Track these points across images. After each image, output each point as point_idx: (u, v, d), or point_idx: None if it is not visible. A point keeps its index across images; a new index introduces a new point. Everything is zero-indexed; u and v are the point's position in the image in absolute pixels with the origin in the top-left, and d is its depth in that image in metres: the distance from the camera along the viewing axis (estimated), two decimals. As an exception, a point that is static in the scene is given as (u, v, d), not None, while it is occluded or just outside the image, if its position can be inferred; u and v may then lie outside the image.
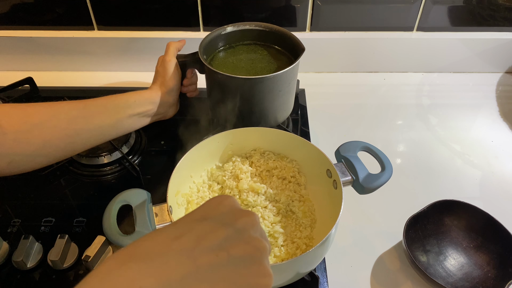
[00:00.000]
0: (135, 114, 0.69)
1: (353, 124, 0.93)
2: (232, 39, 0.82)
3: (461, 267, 0.65)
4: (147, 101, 0.71)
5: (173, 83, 0.74)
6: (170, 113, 0.78)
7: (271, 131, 0.71)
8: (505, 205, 0.75)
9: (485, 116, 0.95)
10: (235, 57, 0.81)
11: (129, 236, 0.52)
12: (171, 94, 0.75)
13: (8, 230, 0.68)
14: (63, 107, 0.61)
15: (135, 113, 0.69)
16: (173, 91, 0.75)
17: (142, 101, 0.70)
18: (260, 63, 0.79)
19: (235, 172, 0.69)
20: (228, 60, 0.81)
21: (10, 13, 0.97)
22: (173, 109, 0.78)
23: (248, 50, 0.83)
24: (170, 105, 0.76)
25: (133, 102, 0.69)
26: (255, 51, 0.83)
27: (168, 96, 0.74)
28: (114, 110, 0.67)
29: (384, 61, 1.05)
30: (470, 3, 0.96)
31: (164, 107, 0.75)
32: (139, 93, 0.71)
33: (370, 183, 0.60)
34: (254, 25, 0.81)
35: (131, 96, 0.69)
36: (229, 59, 0.81)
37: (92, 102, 0.65)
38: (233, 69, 0.78)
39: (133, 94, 0.70)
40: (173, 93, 0.75)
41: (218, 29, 0.80)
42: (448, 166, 0.83)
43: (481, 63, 1.05)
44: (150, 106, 0.72)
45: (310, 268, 0.57)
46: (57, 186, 0.77)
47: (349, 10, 0.97)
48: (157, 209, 0.56)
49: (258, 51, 0.82)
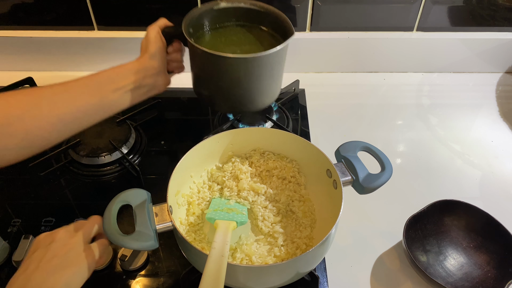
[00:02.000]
0: (120, 88, 0.64)
1: (353, 124, 0.93)
2: (223, 17, 0.76)
3: (461, 267, 0.65)
4: (130, 71, 0.66)
5: (155, 47, 0.68)
6: (160, 84, 0.70)
7: (271, 131, 0.71)
8: (505, 205, 0.75)
9: (485, 116, 0.95)
10: (223, 37, 0.75)
11: (129, 236, 0.52)
12: (154, 59, 0.68)
13: (8, 230, 0.68)
14: (45, 93, 0.59)
15: (119, 86, 0.64)
16: (156, 56, 0.68)
17: (125, 72, 0.65)
18: (248, 45, 0.74)
19: (235, 172, 0.69)
20: (215, 38, 0.75)
21: (10, 13, 0.97)
22: (162, 79, 0.71)
23: (239, 31, 0.77)
24: (156, 72, 0.69)
25: (116, 75, 0.64)
26: (246, 32, 0.76)
27: (151, 61, 0.68)
28: (96, 87, 0.62)
29: (384, 61, 1.05)
30: (470, 3, 0.96)
31: (151, 76, 0.68)
32: (121, 66, 0.66)
33: (370, 183, 0.60)
34: (249, 4, 0.75)
35: (113, 70, 0.65)
36: (216, 38, 0.75)
37: (74, 83, 0.61)
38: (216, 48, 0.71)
39: (115, 68, 0.66)
40: (156, 57, 0.68)
41: (210, 3, 0.74)
42: (448, 166, 0.83)
43: (481, 63, 1.05)
44: (134, 77, 0.66)
45: (310, 268, 0.57)
46: (57, 186, 0.77)
47: (349, 10, 0.97)
48: (157, 209, 0.56)
49: (249, 32, 0.76)
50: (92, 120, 0.63)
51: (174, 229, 0.55)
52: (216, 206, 0.65)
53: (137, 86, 0.66)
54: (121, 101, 0.65)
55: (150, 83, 0.68)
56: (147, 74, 0.67)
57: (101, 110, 0.63)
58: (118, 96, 0.64)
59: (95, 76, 0.63)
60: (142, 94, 0.68)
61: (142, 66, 0.67)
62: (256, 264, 0.59)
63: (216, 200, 0.67)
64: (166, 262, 0.65)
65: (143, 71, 0.66)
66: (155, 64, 0.68)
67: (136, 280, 0.63)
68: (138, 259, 0.64)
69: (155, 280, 0.63)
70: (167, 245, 0.66)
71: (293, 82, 0.95)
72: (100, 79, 0.63)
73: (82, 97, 0.60)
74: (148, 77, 0.67)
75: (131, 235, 0.52)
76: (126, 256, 0.61)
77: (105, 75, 0.64)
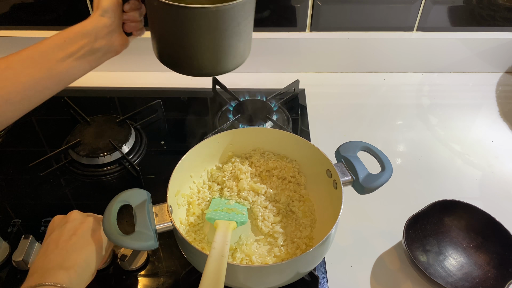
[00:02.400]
0: (69, 56, 0.58)
1: (353, 124, 0.93)
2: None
3: (461, 267, 0.65)
4: (79, 34, 0.59)
5: (107, 2, 0.60)
6: (116, 44, 0.63)
7: (271, 131, 0.71)
8: (505, 205, 0.75)
9: (485, 116, 0.95)
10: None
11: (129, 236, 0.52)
12: (106, 15, 0.60)
13: (8, 230, 0.68)
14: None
15: (68, 53, 0.58)
16: (108, 12, 0.61)
17: (73, 36, 0.58)
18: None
19: (235, 172, 0.69)
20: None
21: (10, 13, 0.97)
22: (118, 39, 0.63)
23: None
24: (109, 31, 0.61)
25: (63, 41, 0.58)
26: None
27: (103, 19, 0.60)
28: (42, 58, 0.56)
29: (384, 61, 1.05)
30: (470, 3, 0.96)
31: (103, 37, 0.61)
32: (68, 29, 0.59)
33: (370, 183, 0.60)
34: None
35: (59, 36, 0.58)
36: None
37: (15, 57, 0.55)
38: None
39: (61, 32, 0.59)
40: (109, 14, 0.61)
41: None
42: (448, 166, 0.83)
43: (481, 63, 1.05)
44: (85, 40, 0.59)
45: (310, 268, 0.57)
46: (57, 186, 0.77)
47: (349, 10, 0.96)
48: (157, 209, 0.56)
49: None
50: (44, 96, 0.58)
51: (174, 229, 0.55)
52: (216, 206, 0.65)
53: (89, 50, 0.60)
54: (74, 70, 0.59)
55: (103, 44, 0.61)
56: (99, 35, 0.60)
57: (51, 83, 0.58)
58: (68, 65, 0.58)
59: (39, 46, 0.57)
60: (97, 59, 0.62)
61: (93, 26, 0.59)
62: (256, 264, 0.59)
63: (216, 200, 0.67)
64: (166, 262, 0.65)
65: (93, 32, 0.59)
66: (107, 22, 0.61)
67: (136, 280, 0.62)
68: (138, 259, 0.64)
69: (155, 280, 0.63)
70: (167, 245, 0.66)
71: (293, 82, 0.95)
72: (45, 48, 0.57)
73: (26, 72, 0.55)
74: (101, 38, 0.61)
75: (131, 235, 0.52)
76: (126, 256, 0.61)
77: (50, 42, 0.58)
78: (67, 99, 0.90)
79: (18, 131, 0.88)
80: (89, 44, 0.59)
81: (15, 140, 0.86)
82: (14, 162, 0.81)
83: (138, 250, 0.64)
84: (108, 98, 0.97)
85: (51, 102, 0.95)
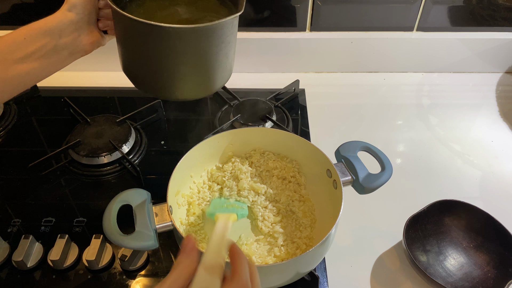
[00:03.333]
0: (29, 55, 0.51)
1: (353, 124, 0.93)
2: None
3: (461, 267, 0.65)
4: (41, 31, 0.52)
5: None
6: (84, 43, 0.56)
7: (271, 131, 0.71)
8: (505, 205, 0.75)
9: (485, 116, 0.95)
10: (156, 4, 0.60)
11: (129, 236, 0.52)
12: (73, 11, 0.53)
13: (8, 230, 0.68)
14: None
15: (28, 53, 0.51)
16: (77, 7, 0.53)
17: (34, 34, 0.52)
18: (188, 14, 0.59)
19: (235, 172, 0.69)
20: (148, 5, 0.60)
21: (10, 13, 0.97)
22: (87, 37, 0.56)
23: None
24: (75, 28, 0.54)
25: (23, 39, 0.51)
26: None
27: (69, 14, 0.53)
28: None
29: (384, 61, 1.05)
30: (470, 3, 0.96)
31: (69, 34, 0.54)
32: (30, 25, 0.52)
33: (370, 183, 0.60)
34: None
35: (20, 33, 0.51)
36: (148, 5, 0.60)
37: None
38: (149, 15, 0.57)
39: (23, 29, 0.52)
40: (77, 9, 0.54)
41: None
42: (448, 166, 0.83)
43: (481, 63, 1.05)
44: (47, 38, 0.52)
45: (310, 268, 0.57)
46: (57, 186, 0.77)
47: (349, 10, 0.96)
48: (157, 209, 0.56)
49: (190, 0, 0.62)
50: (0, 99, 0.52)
51: (174, 229, 0.55)
52: (217, 205, 0.64)
53: (52, 49, 0.53)
54: (34, 72, 0.53)
55: (69, 43, 0.54)
56: (64, 32, 0.53)
57: (7, 86, 0.51)
58: (28, 67, 0.51)
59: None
60: (63, 59, 0.55)
61: (57, 22, 0.52)
62: (256, 264, 0.59)
63: (216, 200, 0.67)
64: (166, 262, 0.65)
65: (57, 29, 0.52)
66: (74, 18, 0.53)
67: (136, 280, 0.63)
68: (138, 259, 0.64)
69: (155, 280, 0.63)
70: (167, 245, 0.66)
71: (293, 82, 0.95)
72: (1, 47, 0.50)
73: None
74: (66, 35, 0.53)
75: (131, 235, 0.52)
76: (126, 256, 0.61)
77: (8, 40, 0.51)
78: (67, 99, 0.90)
79: (18, 131, 0.88)
80: (51, 42, 0.52)
81: (15, 140, 0.86)
82: (14, 162, 0.81)
83: (138, 250, 0.64)
84: (108, 98, 0.97)
85: (51, 102, 0.96)
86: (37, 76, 0.54)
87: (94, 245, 0.62)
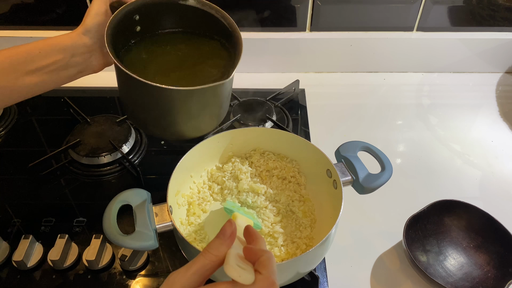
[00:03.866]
0: (40, 69, 0.54)
1: (353, 124, 0.93)
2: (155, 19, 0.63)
3: (461, 267, 0.65)
4: (56, 48, 0.55)
5: (92, 22, 0.57)
6: (94, 64, 0.60)
7: (271, 131, 0.71)
8: (505, 205, 0.75)
9: (485, 116, 0.95)
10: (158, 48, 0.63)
11: (129, 236, 0.52)
12: (88, 35, 0.57)
13: (8, 230, 0.68)
14: None
15: (39, 67, 0.54)
16: (91, 32, 0.57)
17: (48, 50, 0.55)
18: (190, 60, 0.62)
19: (235, 172, 0.69)
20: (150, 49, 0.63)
21: (10, 13, 0.97)
22: (97, 60, 0.60)
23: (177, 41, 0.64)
24: (88, 51, 0.58)
25: (38, 53, 0.54)
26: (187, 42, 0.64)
27: (83, 38, 0.57)
28: (10, 68, 0.53)
29: (384, 61, 1.05)
30: (470, 3, 0.96)
31: (81, 55, 0.57)
32: (46, 41, 0.55)
33: (370, 183, 0.60)
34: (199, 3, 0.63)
35: (36, 46, 0.54)
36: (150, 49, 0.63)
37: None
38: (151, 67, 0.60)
39: (38, 42, 0.55)
40: (91, 34, 0.57)
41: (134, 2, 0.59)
42: (448, 166, 0.83)
43: (481, 63, 1.05)
44: (59, 56, 0.55)
45: (310, 268, 0.57)
46: (57, 186, 0.77)
47: (349, 10, 0.96)
48: (157, 209, 0.56)
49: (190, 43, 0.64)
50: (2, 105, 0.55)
51: (174, 229, 0.55)
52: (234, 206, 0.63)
53: (63, 66, 0.56)
54: (42, 84, 0.56)
55: (80, 62, 0.58)
56: (77, 52, 0.57)
57: (15, 94, 0.54)
58: (37, 79, 0.55)
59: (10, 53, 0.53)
60: (71, 76, 0.58)
61: (71, 42, 0.56)
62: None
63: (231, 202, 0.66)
64: (166, 262, 0.65)
65: (71, 49, 0.56)
66: (88, 42, 0.57)
67: (136, 280, 0.63)
68: (138, 259, 0.64)
69: (155, 280, 0.63)
70: (167, 245, 0.66)
71: (293, 82, 0.95)
72: (16, 57, 0.53)
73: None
74: (78, 55, 0.57)
75: (131, 235, 0.52)
76: (126, 256, 0.61)
77: (24, 51, 0.54)
78: (67, 99, 0.90)
79: (18, 131, 0.88)
80: (64, 59, 0.56)
81: (15, 140, 0.86)
82: (14, 162, 0.81)
83: (138, 250, 0.64)
84: (108, 98, 0.97)
85: (51, 102, 0.96)
86: (44, 88, 0.57)
87: (94, 245, 0.62)
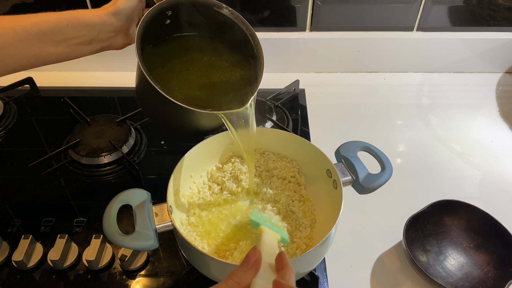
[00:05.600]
0: (65, 41, 0.55)
1: (353, 124, 0.93)
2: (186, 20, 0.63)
3: (461, 267, 0.65)
4: (83, 23, 0.56)
5: (124, 5, 0.58)
6: (118, 43, 0.61)
7: (271, 131, 0.71)
8: (505, 205, 0.75)
9: (485, 116, 0.95)
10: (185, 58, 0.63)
11: (129, 236, 0.52)
12: (117, 17, 0.58)
13: (8, 230, 0.68)
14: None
15: (65, 38, 0.55)
16: (121, 14, 0.58)
17: (76, 24, 0.55)
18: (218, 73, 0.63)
19: (235, 173, 0.69)
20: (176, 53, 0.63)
21: (10, 13, 0.97)
22: (121, 40, 0.61)
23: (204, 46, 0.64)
24: (115, 31, 0.59)
25: (65, 25, 0.55)
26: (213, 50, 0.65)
27: (112, 18, 0.57)
28: (37, 37, 0.53)
29: (384, 61, 1.05)
30: (470, 3, 0.96)
31: (107, 33, 0.58)
32: (75, 14, 0.56)
33: (370, 183, 0.60)
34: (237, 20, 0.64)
35: (64, 18, 0.55)
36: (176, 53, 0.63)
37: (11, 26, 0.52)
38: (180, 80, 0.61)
39: (68, 14, 0.55)
40: (121, 17, 0.58)
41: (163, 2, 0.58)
42: (448, 166, 0.83)
43: (481, 63, 1.05)
44: (86, 31, 0.56)
45: (310, 268, 0.57)
46: (57, 186, 0.77)
47: (349, 10, 0.97)
48: (157, 209, 0.56)
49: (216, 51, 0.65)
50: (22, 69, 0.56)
51: (174, 229, 0.55)
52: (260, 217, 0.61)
53: (88, 41, 0.57)
54: (65, 55, 0.57)
55: (104, 39, 0.59)
56: (103, 30, 0.58)
57: (38, 61, 0.55)
58: (61, 50, 0.56)
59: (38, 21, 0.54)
60: (94, 50, 0.60)
61: (100, 21, 0.57)
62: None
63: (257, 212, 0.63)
64: (166, 262, 0.65)
65: (98, 27, 0.57)
66: (116, 23, 0.58)
67: (136, 280, 0.63)
68: (138, 259, 0.64)
69: (155, 280, 0.63)
70: (167, 245, 0.66)
71: (293, 82, 0.95)
72: (44, 27, 0.54)
73: (18, 46, 0.53)
74: (104, 33, 0.58)
75: (131, 235, 0.52)
76: (126, 256, 0.61)
77: (53, 22, 0.54)
78: (67, 99, 0.90)
79: (18, 131, 0.88)
80: (90, 35, 0.57)
81: (15, 140, 0.86)
82: (14, 162, 0.81)
83: (138, 250, 0.64)
84: (108, 98, 0.97)
85: (51, 102, 0.96)
86: (65, 58, 0.58)
87: (94, 245, 0.62)
